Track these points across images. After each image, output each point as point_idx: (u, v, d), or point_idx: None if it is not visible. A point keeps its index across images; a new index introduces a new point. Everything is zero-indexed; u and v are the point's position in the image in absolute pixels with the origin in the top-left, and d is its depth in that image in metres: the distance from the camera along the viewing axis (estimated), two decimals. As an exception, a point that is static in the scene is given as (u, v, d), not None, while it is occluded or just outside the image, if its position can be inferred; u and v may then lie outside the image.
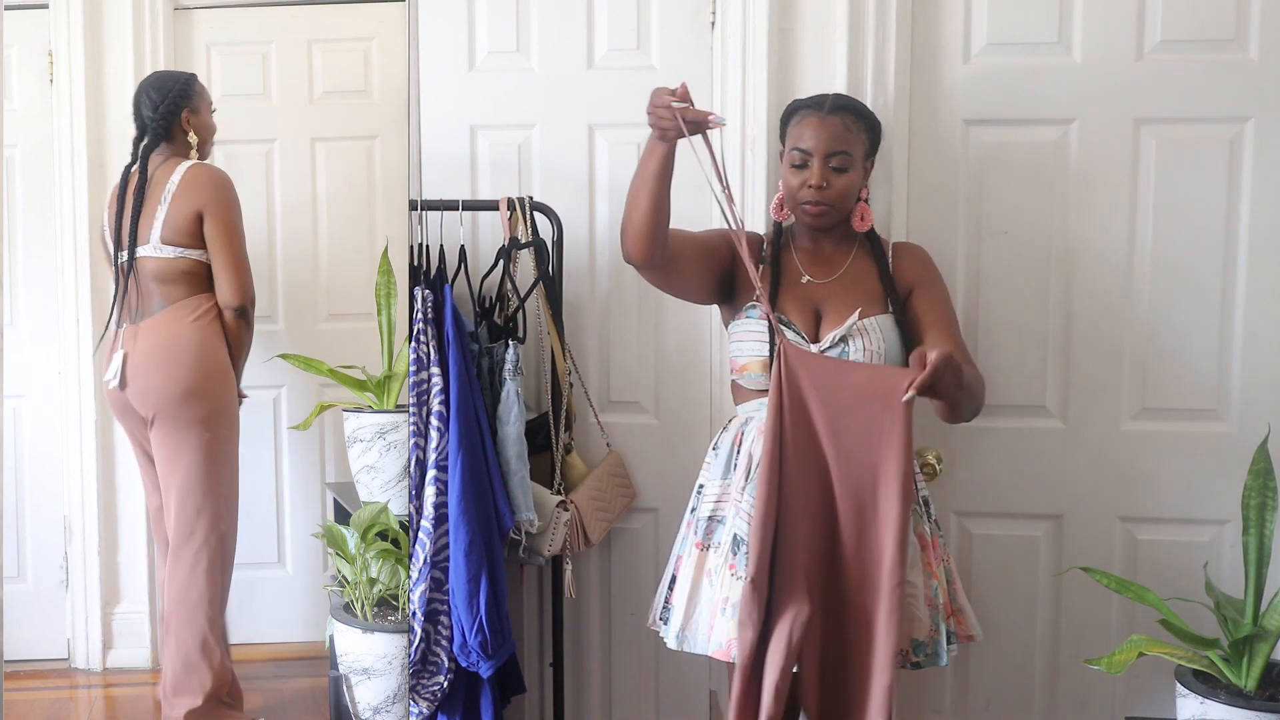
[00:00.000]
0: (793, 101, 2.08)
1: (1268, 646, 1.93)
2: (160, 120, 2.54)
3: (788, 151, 2.01)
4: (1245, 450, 2.04)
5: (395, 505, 2.43)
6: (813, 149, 1.97)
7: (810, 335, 1.98)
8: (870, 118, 2.04)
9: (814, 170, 1.96)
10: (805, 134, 1.98)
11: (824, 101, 2.01)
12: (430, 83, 2.47)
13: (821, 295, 2.02)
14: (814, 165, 1.96)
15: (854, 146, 1.98)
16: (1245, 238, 2.24)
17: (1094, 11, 2.24)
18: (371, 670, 2.35)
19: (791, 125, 2.03)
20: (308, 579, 2.80)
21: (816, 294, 2.02)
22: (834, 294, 2.01)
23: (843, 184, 1.97)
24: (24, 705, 2.67)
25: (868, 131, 2.02)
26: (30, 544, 2.79)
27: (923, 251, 2.10)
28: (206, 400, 2.49)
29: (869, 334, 1.95)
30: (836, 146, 1.96)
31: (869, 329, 1.96)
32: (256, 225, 2.78)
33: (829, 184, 1.96)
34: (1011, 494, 2.33)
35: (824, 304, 2.01)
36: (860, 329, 1.96)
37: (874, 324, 1.97)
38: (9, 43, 2.67)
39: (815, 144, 1.97)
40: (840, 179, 1.97)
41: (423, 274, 2.27)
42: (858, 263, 2.05)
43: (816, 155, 1.96)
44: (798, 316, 2.00)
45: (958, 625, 2.01)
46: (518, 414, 2.21)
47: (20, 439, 2.78)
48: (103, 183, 2.72)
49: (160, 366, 2.49)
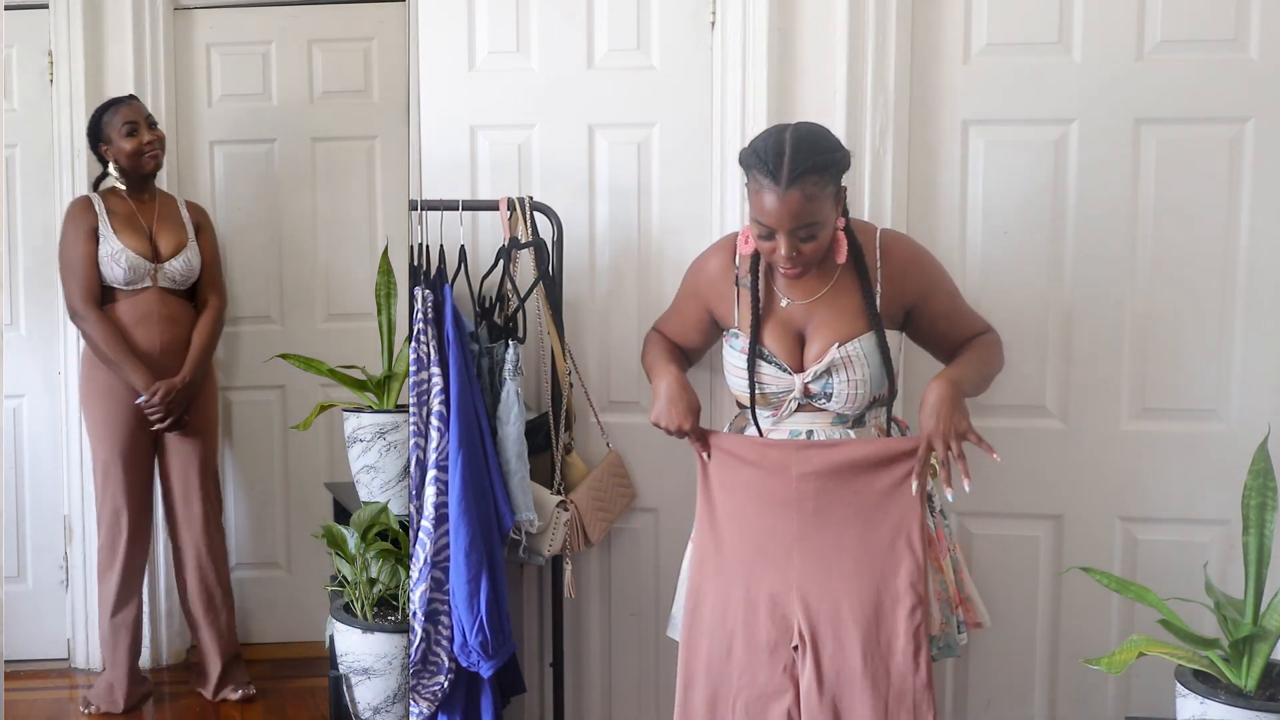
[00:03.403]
0: (745, 153, 1.84)
1: (1268, 646, 1.93)
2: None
3: (751, 216, 1.84)
4: (1245, 450, 2.04)
5: (395, 505, 2.43)
6: (775, 226, 1.79)
7: (793, 365, 1.92)
8: (834, 161, 1.81)
9: (781, 244, 1.81)
10: (765, 208, 1.79)
11: (779, 169, 1.76)
12: (430, 83, 2.46)
13: (804, 318, 1.94)
14: (780, 240, 1.80)
15: (820, 209, 1.79)
16: (1245, 238, 2.24)
17: (1094, 11, 2.24)
18: (371, 670, 2.35)
19: (749, 185, 1.83)
20: (308, 579, 2.80)
21: (798, 317, 1.94)
22: (816, 315, 1.93)
23: (814, 247, 1.82)
24: (24, 705, 2.67)
25: (834, 178, 1.81)
26: (30, 544, 2.80)
27: (914, 249, 1.98)
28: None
29: (852, 364, 1.89)
30: (801, 221, 1.78)
31: (852, 358, 1.89)
32: (257, 226, 2.78)
33: (799, 253, 1.82)
34: (1011, 494, 2.33)
35: (808, 327, 1.94)
36: (844, 360, 1.89)
37: (857, 350, 1.89)
38: (9, 43, 2.67)
39: (778, 222, 1.78)
40: (811, 244, 1.82)
41: (423, 274, 2.27)
42: (842, 277, 1.93)
43: (781, 231, 1.79)
44: (779, 345, 1.93)
45: (966, 614, 2.02)
46: (518, 414, 2.21)
47: (20, 439, 2.78)
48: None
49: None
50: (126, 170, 2.62)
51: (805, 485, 1.90)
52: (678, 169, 2.42)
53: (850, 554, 1.89)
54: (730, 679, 1.93)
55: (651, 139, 2.42)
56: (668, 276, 2.43)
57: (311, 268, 2.83)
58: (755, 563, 1.93)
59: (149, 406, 2.56)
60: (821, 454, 1.90)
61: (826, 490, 1.90)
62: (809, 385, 1.92)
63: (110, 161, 2.63)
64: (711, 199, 2.39)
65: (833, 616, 1.88)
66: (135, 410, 2.58)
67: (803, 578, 1.90)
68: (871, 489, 1.89)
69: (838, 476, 1.89)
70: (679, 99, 2.40)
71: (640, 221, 2.43)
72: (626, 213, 2.43)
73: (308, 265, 2.83)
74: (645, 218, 2.43)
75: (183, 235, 2.66)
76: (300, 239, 2.81)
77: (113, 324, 2.57)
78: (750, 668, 1.92)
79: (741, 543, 1.95)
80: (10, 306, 2.75)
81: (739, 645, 1.93)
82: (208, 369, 2.68)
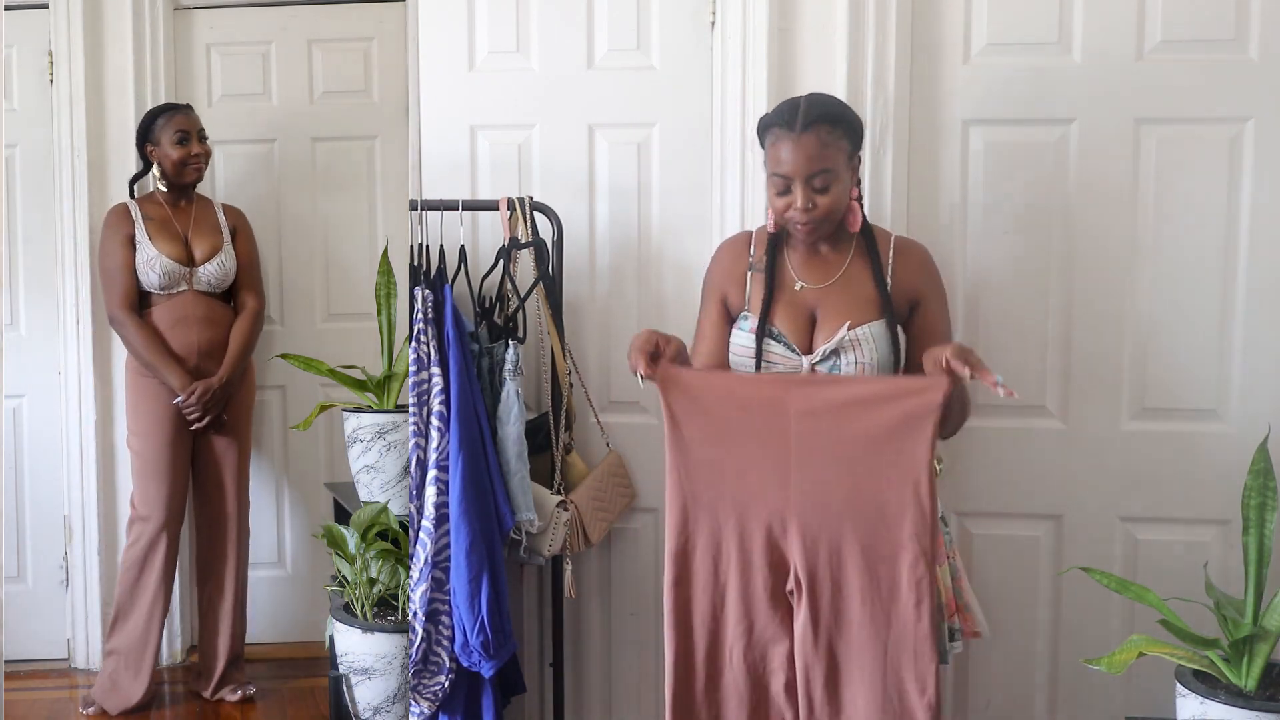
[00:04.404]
0: (763, 117, 1.94)
1: (1268, 646, 1.93)
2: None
3: (768, 174, 1.90)
4: (1245, 450, 2.04)
5: (395, 505, 2.44)
6: (791, 173, 1.85)
7: (803, 346, 1.93)
8: (847, 118, 1.90)
9: (797, 195, 1.85)
10: (782, 158, 1.86)
11: (794, 117, 1.85)
12: (430, 83, 2.46)
13: (816, 301, 1.96)
14: (796, 190, 1.85)
15: (835, 159, 1.86)
16: (1245, 238, 2.24)
17: (1094, 11, 2.24)
18: (371, 670, 2.35)
19: (766, 145, 1.91)
20: (308, 579, 2.80)
21: (811, 300, 1.96)
22: (829, 300, 1.95)
23: (829, 200, 1.86)
24: (24, 705, 2.67)
25: (848, 135, 1.89)
26: (30, 544, 2.80)
27: (927, 255, 2.02)
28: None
29: (861, 346, 1.90)
30: (816, 167, 1.84)
31: (861, 341, 1.90)
32: (257, 226, 2.78)
33: (815, 204, 1.86)
34: (1011, 494, 2.33)
35: (819, 310, 1.95)
36: (853, 341, 1.90)
37: (866, 334, 1.91)
38: (9, 43, 2.67)
39: (793, 168, 1.84)
40: (825, 197, 1.86)
41: (423, 274, 2.27)
42: (855, 264, 1.97)
43: (797, 179, 1.85)
44: (789, 326, 1.94)
45: (963, 622, 2.01)
46: (518, 414, 2.21)
47: (20, 439, 2.78)
48: (103, 183, 2.73)
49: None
50: (169, 176, 2.65)
51: (804, 424, 1.80)
52: (678, 169, 2.42)
53: (851, 499, 1.79)
54: (726, 629, 1.87)
55: (651, 139, 2.42)
56: (668, 276, 2.43)
57: (311, 268, 2.83)
58: (748, 508, 1.84)
59: (186, 406, 2.60)
60: (824, 390, 1.81)
61: (828, 430, 1.79)
62: (816, 366, 1.91)
63: (154, 164, 2.67)
64: (711, 199, 2.39)
65: (831, 560, 1.80)
66: (175, 412, 2.62)
67: (801, 521, 1.81)
68: (878, 431, 1.77)
69: (841, 415, 1.78)
70: (679, 99, 2.40)
71: (640, 221, 2.43)
72: (626, 213, 2.43)
73: (308, 265, 2.83)
74: (645, 218, 2.43)
75: (218, 239, 2.68)
76: (300, 239, 2.81)
77: (150, 328, 2.62)
78: (747, 616, 1.85)
79: (731, 488, 1.85)
80: (10, 306, 2.76)
81: (733, 594, 1.85)
82: (246, 369, 2.71)
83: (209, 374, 2.63)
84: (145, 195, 2.71)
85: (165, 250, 2.62)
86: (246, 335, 2.69)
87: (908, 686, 1.78)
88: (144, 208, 2.67)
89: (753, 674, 1.87)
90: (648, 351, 1.82)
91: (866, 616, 1.80)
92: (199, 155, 2.65)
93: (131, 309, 2.61)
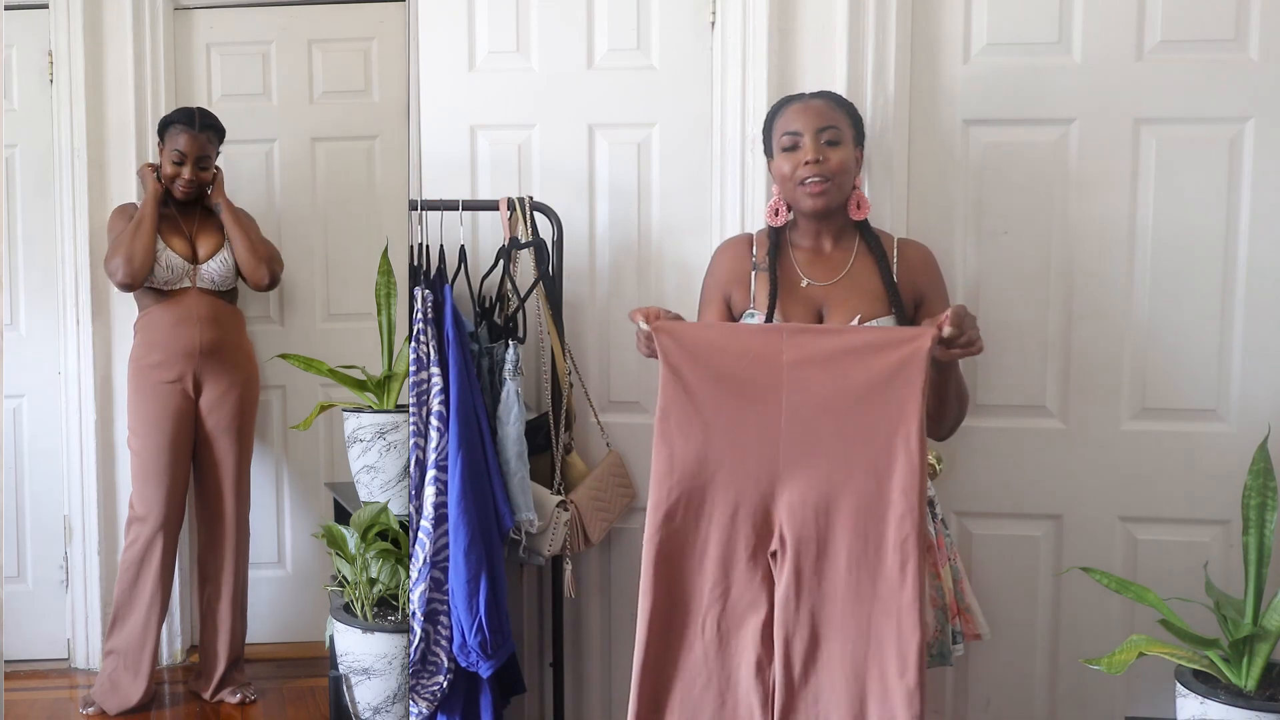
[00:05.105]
0: (770, 106, 2.08)
1: (1268, 646, 1.93)
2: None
3: (778, 143, 1.99)
4: (1245, 450, 2.04)
5: (395, 505, 2.44)
6: (802, 128, 1.95)
7: None
8: (851, 107, 2.03)
9: (807, 147, 1.94)
10: (792, 119, 1.98)
11: (803, 94, 2.03)
12: (430, 83, 2.47)
13: (823, 298, 1.99)
14: (806, 142, 1.94)
15: (841, 123, 1.97)
16: (1245, 238, 2.24)
17: (1094, 11, 2.24)
18: (371, 670, 2.35)
19: (776, 122, 2.01)
20: (308, 579, 2.80)
21: (818, 297, 1.99)
22: (836, 296, 1.98)
23: (839, 157, 1.95)
24: (24, 705, 2.67)
25: (850, 117, 2.00)
26: (30, 544, 2.79)
27: (929, 254, 2.05)
28: None
29: None
30: (825, 122, 1.95)
31: None
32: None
33: (825, 158, 1.94)
34: (1011, 494, 2.33)
35: (826, 307, 1.98)
36: None
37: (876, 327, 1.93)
38: (9, 43, 2.67)
39: (804, 123, 1.95)
40: (835, 152, 1.94)
41: (423, 274, 2.27)
42: (860, 262, 2.00)
43: (807, 133, 1.95)
44: (797, 321, 1.97)
45: (964, 624, 2.01)
46: (518, 414, 2.21)
47: (20, 439, 2.78)
48: (103, 183, 2.73)
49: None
50: (164, 182, 2.64)
51: (796, 373, 1.76)
52: (678, 169, 2.42)
53: (841, 451, 1.75)
54: (701, 594, 1.81)
55: (651, 139, 2.42)
56: (668, 276, 2.43)
57: (311, 268, 2.83)
58: (737, 462, 1.78)
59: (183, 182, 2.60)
60: (817, 339, 1.77)
61: (819, 380, 1.75)
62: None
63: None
64: (711, 199, 2.39)
65: (818, 519, 1.75)
66: (176, 412, 2.61)
67: (789, 474, 1.76)
68: (870, 381, 1.74)
69: (833, 365, 1.75)
70: (679, 99, 2.40)
71: (640, 221, 2.44)
72: (626, 213, 2.44)
73: (308, 265, 2.83)
74: (645, 218, 2.43)
75: (222, 237, 2.68)
76: (300, 239, 2.81)
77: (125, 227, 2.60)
78: (724, 579, 1.79)
79: (719, 441, 1.79)
80: (10, 306, 2.75)
81: (713, 553, 1.80)
82: (251, 370, 2.71)
83: (211, 374, 2.62)
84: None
85: (169, 244, 2.61)
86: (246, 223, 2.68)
87: (889, 665, 1.72)
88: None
89: (724, 650, 1.80)
90: (649, 310, 1.83)
91: (852, 581, 1.74)
92: (190, 180, 2.63)
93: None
